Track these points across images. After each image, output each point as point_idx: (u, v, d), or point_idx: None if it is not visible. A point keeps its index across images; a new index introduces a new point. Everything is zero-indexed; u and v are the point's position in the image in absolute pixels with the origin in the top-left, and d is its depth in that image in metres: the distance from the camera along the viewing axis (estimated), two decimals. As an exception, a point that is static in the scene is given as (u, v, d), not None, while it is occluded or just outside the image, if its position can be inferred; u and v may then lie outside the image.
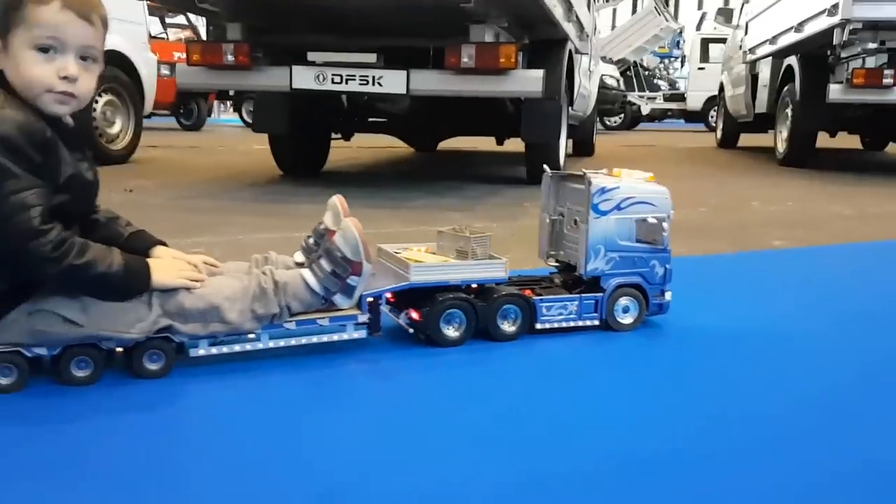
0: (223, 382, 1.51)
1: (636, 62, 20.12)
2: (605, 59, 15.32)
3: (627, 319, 1.85)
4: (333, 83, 4.37)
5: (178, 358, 1.54)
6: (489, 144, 6.71)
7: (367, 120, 5.95)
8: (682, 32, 22.27)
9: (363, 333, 1.69)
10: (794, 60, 7.42)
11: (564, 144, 5.66)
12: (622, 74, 17.83)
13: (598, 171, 1.93)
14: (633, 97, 18.26)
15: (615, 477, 1.13)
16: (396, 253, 1.83)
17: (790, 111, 7.35)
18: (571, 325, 1.82)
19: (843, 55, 6.32)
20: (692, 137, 13.28)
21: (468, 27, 4.17)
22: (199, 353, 1.55)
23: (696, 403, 1.44)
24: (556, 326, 1.81)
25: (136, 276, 1.46)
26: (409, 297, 1.76)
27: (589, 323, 1.84)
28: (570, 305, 1.82)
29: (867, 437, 1.30)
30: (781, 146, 7.62)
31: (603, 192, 1.80)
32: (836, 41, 5.97)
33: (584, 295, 1.83)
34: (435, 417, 1.36)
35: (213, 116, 16.02)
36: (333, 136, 6.18)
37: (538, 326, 1.80)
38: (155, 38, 9.43)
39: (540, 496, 1.07)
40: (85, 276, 1.39)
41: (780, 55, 7.92)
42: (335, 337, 1.67)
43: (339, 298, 1.64)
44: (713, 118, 14.51)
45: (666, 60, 23.66)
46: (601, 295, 1.83)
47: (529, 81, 4.37)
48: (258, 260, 1.71)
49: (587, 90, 7.38)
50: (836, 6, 5.81)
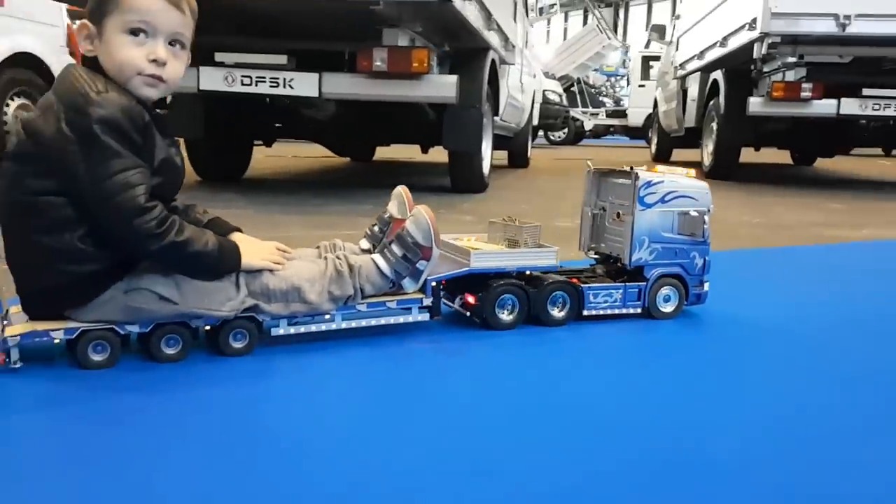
0: (306, 358, 1.57)
1: (581, 79, 20.40)
2: (548, 74, 15.53)
3: (668, 308, 1.96)
4: (243, 85, 4.25)
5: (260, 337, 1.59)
6: (426, 155, 6.43)
7: (292, 127, 5.81)
8: (627, 51, 22.45)
9: (426, 316, 1.76)
10: (719, 75, 7.42)
11: (490, 154, 5.58)
12: (567, 90, 18.04)
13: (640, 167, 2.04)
14: (576, 113, 18.47)
15: (663, 452, 1.18)
16: (454, 241, 1.92)
17: (715, 125, 7.38)
18: (616, 312, 1.92)
19: (764, 69, 6.39)
20: (631, 152, 13.19)
21: (381, 31, 4.13)
22: (279, 332, 1.60)
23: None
24: (601, 313, 1.91)
25: (228, 255, 1.50)
26: (462, 283, 1.83)
27: (632, 311, 1.94)
28: (615, 293, 1.91)
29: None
30: (708, 160, 7.64)
31: (649, 185, 1.90)
32: (756, 55, 5.98)
33: (628, 284, 1.93)
34: (499, 388, 1.46)
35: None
36: (258, 143, 5.99)
37: (585, 313, 1.89)
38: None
39: (594, 456, 1.16)
40: (183, 253, 1.42)
41: (707, 70, 7.95)
42: (401, 319, 1.74)
43: (407, 282, 1.71)
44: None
45: (613, 79, 24.05)
46: (644, 284, 1.93)
47: (443, 87, 4.35)
48: (326, 247, 1.77)
49: (519, 102, 7.24)
50: (755, 21, 5.83)
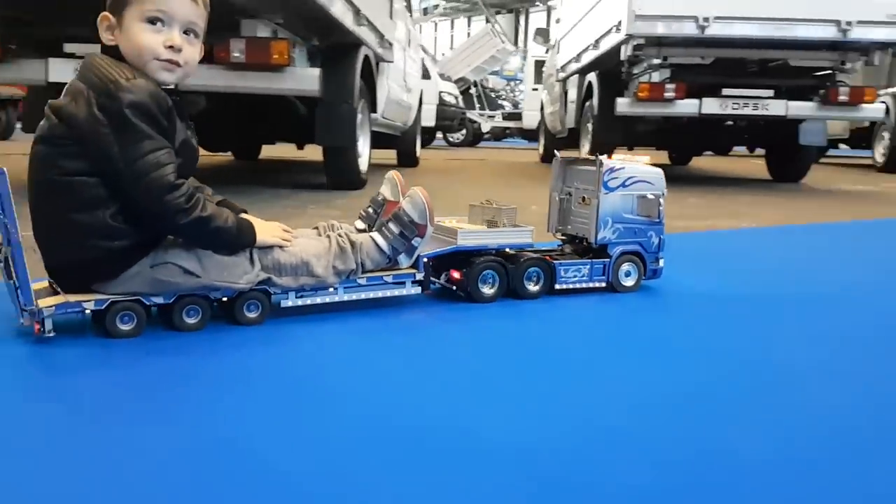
0: (315, 325, 1.69)
1: (478, 82, 20.71)
2: (444, 76, 15.76)
3: (629, 282, 2.17)
4: None
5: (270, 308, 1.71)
6: (317, 153, 6.00)
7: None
8: (526, 56, 22.84)
9: (418, 290, 1.92)
10: (594, 77, 7.65)
11: (369, 152, 5.53)
12: (464, 93, 18.28)
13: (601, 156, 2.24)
14: (472, 115, 18.80)
15: (630, 403, 1.31)
16: (439, 222, 2.08)
17: (590, 126, 7.59)
18: (583, 286, 2.12)
19: (633, 71, 6.64)
20: (523, 154, 13.58)
21: (239, 22, 4.06)
22: (288, 303, 1.72)
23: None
24: (570, 287, 2.10)
25: (245, 232, 1.60)
26: (447, 260, 1.99)
27: (597, 284, 2.14)
28: (583, 269, 2.11)
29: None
30: None
31: (612, 171, 2.11)
32: (623, 56, 6.21)
33: (594, 260, 2.14)
34: (493, 347, 1.65)
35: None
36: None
37: (556, 287, 2.08)
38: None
39: (570, 410, 1.28)
40: (207, 228, 1.50)
41: (583, 72, 8.21)
42: (396, 292, 1.89)
43: (402, 258, 1.86)
44: (541, 135, 14.79)
45: (513, 83, 24.40)
46: (608, 260, 2.14)
47: (306, 80, 4.30)
48: (325, 227, 1.90)
49: (404, 101, 7.19)
50: (620, 23, 6.04)
